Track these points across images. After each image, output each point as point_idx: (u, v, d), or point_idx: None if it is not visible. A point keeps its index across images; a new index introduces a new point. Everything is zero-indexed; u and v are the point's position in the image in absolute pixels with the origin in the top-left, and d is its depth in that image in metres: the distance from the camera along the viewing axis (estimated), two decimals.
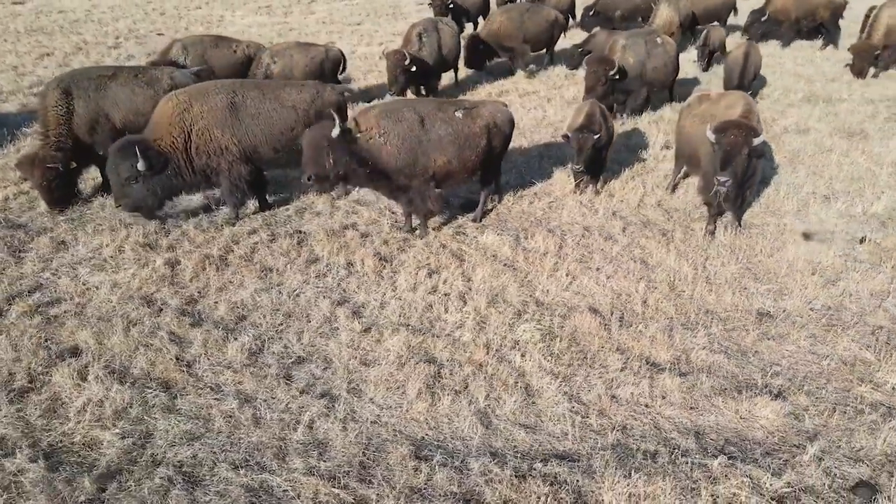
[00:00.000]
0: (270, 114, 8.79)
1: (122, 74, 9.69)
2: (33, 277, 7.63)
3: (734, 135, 7.29)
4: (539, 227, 8.96)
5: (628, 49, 12.52)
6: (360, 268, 7.86)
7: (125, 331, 6.64)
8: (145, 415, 5.62)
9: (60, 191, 9.13)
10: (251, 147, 8.72)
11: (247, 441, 5.37)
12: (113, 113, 9.43)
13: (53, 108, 9.10)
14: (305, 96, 9.07)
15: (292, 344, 6.58)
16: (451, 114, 8.13)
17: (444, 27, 14.59)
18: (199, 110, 8.45)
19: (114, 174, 8.17)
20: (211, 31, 23.55)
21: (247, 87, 8.91)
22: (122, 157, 8.04)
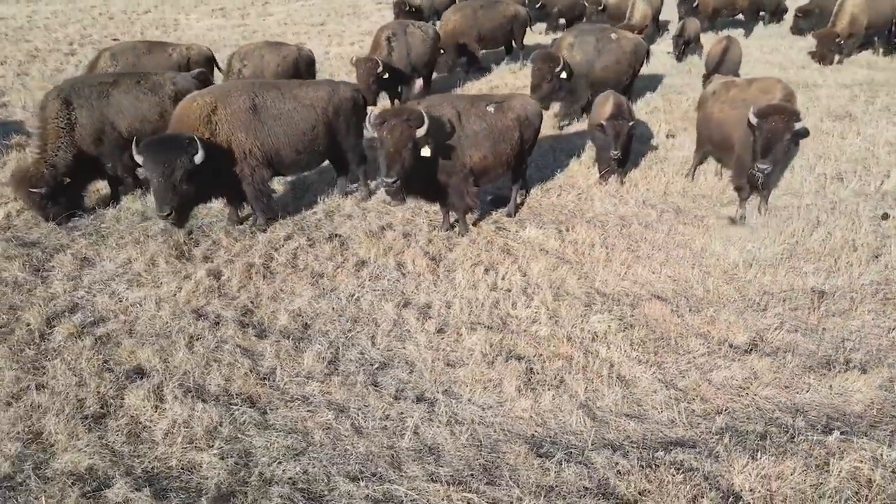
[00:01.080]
0: (291, 114, 8.50)
1: (123, 81, 9.21)
2: (67, 297, 7.16)
3: (776, 120, 7.43)
4: (575, 219, 8.98)
5: (576, 47, 12.03)
6: (411, 268, 7.69)
7: (188, 347, 6.30)
8: (238, 433, 5.33)
9: (54, 207, 8.59)
10: (273, 150, 8.39)
11: (354, 452, 5.16)
12: (118, 122, 8.96)
13: (54, 119, 8.57)
14: (322, 94, 8.82)
15: (368, 349, 6.37)
16: (484, 108, 8.05)
17: (413, 31, 13.96)
18: (224, 113, 8.09)
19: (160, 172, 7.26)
20: (167, 35, 22.83)
21: (265, 88, 8.59)
22: (176, 150, 7.30)
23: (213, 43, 21.17)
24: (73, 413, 5.45)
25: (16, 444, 5.15)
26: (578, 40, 12.12)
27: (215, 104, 8.07)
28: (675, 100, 14.27)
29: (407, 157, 7.21)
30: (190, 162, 7.28)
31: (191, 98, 8.26)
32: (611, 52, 12.25)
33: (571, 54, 11.93)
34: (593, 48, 12.09)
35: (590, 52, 12.06)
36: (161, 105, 9.28)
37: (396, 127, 7.15)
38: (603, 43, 12.17)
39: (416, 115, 7.30)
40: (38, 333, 6.53)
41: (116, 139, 8.97)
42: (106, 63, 11.38)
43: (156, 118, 9.20)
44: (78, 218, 8.85)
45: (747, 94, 8.58)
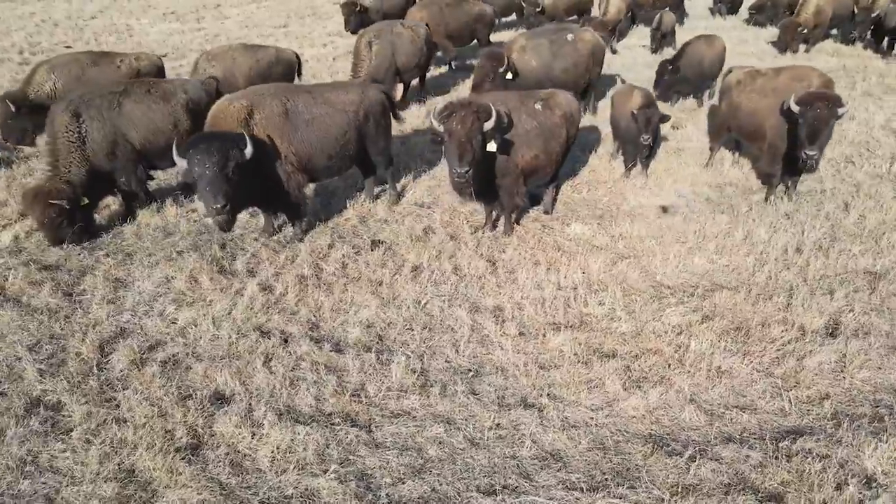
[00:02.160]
0: (324, 118, 8.16)
1: (133, 90, 8.65)
2: (112, 322, 6.67)
3: (820, 106, 7.57)
4: (613, 213, 8.96)
5: (528, 50, 11.22)
6: (469, 271, 7.50)
7: (266, 367, 5.95)
8: (348, 454, 5.06)
9: (67, 228, 7.96)
10: (307, 156, 8.04)
11: (476, 465, 4.96)
12: (131, 134, 8.43)
13: (63, 134, 8.00)
14: (353, 97, 8.50)
15: (453, 357, 6.16)
16: (533, 106, 7.92)
17: (401, 31, 13.26)
18: (260, 117, 7.71)
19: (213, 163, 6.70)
20: (124, 41, 21.83)
21: (296, 91, 8.24)
22: (226, 143, 6.85)
23: (178, 48, 20.43)
24: (165, 446, 5.06)
25: (111, 484, 4.75)
26: (532, 43, 11.35)
27: (251, 107, 7.68)
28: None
29: (477, 149, 7.02)
30: (241, 155, 6.88)
31: (227, 101, 7.84)
32: (567, 55, 11.48)
33: (524, 57, 11.15)
34: (548, 51, 11.35)
35: (545, 55, 11.32)
36: (174, 115, 8.78)
37: (467, 117, 6.96)
38: (558, 45, 11.44)
39: (485, 108, 7.12)
40: (94, 363, 6.05)
41: (130, 152, 8.44)
42: (43, 78, 10.44)
43: (169, 129, 8.71)
44: (91, 238, 8.26)
45: (777, 82, 8.72)
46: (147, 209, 8.99)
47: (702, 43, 13.35)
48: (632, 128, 9.34)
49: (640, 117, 9.00)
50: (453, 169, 7.09)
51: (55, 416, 5.42)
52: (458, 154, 6.89)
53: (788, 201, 8.97)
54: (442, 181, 9.92)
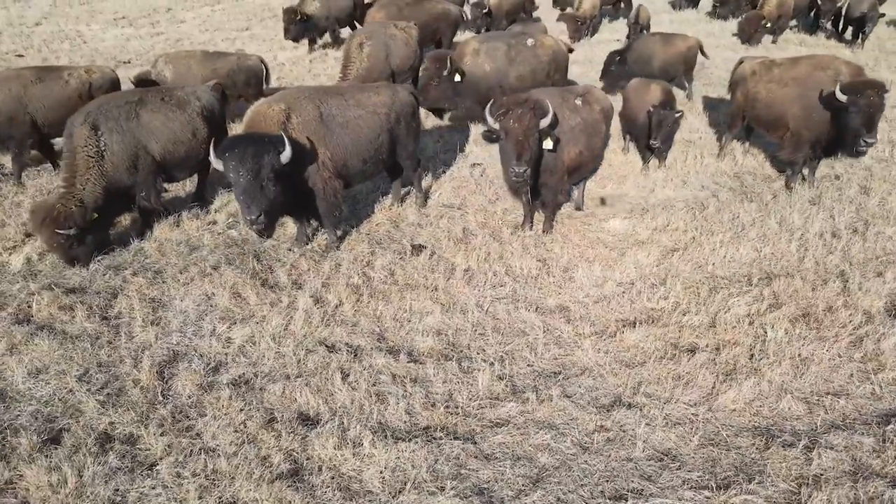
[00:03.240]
0: (357, 121, 7.86)
1: (149, 99, 8.14)
2: (162, 345, 6.26)
3: (872, 94, 7.65)
4: (644, 206, 8.96)
5: (482, 53, 10.61)
6: (522, 272, 7.36)
7: (346, 383, 5.68)
8: (460, 468, 4.85)
9: (78, 249, 7.46)
10: (342, 160, 7.72)
11: (594, 470, 4.84)
12: (151, 145, 7.95)
13: (83, 148, 7.46)
14: (385, 98, 8.22)
15: (534, 361, 6.01)
16: (574, 102, 7.84)
17: (395, 32, 12.84)
18: (298, 121, 7.34)
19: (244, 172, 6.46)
20: (77, 49, 20.81)
21: (327, 94, 7.91)
22: (264, 146, 6.56)
23: (140, 54, 19.67)
24: (264, 474, 4.74)
25: None
26: (486, 46, 10.70)
27: (289, 111, 7.33)
28: None
29: (534, 147, 6.93)
30: (277, 158, 6.58)
31: (265, 103, 7.48)
32: (525, 61, 10.85)
33: (476, 61, 10.56)
34: (504, 55, 10.68)
35: (500, 60, 10.64)
36: (192, 123, 8.35)
37: (524, 115, 6.86)
38: (516, 51, 10.78)
39: (541, 105, 7.00)
40: (158, 390, 5.65)
41: (151, 165, 7.97)
42: None
43: (189, 137, 8.27)
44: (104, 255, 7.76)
45: (796, 72, 8.88)
46: (164, 223, 8.50)
47: (656, 41, 13.03)
48: (644, 124, 9.34)
49: (654, 116, 8.99)
50: (511, 168, 6.94)
51: (132, 451, 5.03)
52: (516, 152, 6.75)
53: (809, 187, 9.16)
54: (465, 182, 9.77)
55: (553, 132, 7.08)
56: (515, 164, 6.79)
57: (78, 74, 9.96)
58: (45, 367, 5.95)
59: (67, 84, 9.79)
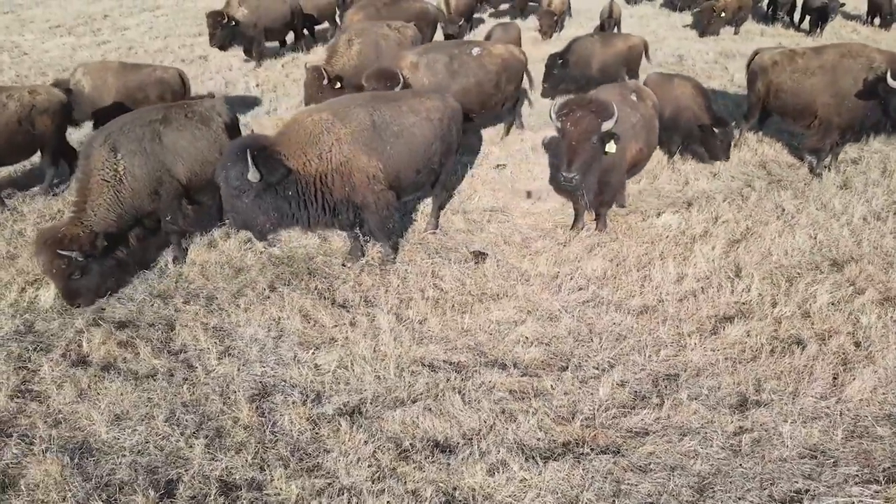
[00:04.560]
0: (412, 129, 7.31)
1: (173, 116, 7.41)
2: (245, 377, 5.79)
3: None
4: (685, 200, 8.98)
5: (421, 67, 9.59)
6: (596, 273, 7.21)
7: (467, 404, 5.38)
8: (619, 484, 4.65)
9: (81, 282, 6.66)
10: (395, 172, 7.23)
11: (753, 474, 4.73)
12: (176, 168, 7.25)
13: (99, 171, 6.77)
14: (437, 104, 7.67)
15: (644, 364, 5.87)
16: (631, 98, 7.74)
17: (388, 33, 12.27)
18: (344, 132, 6.83)
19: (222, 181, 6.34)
20: (18, 61, 19.42)
21: (381, 101, 7.38)
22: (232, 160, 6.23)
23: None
24: None
25: None
26: (426, 59, 9.71)
27: (332, 121, 6.82)
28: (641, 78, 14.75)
29: (588, 152, 6.74)
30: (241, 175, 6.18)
31: (305, 112, 7.01)
32: (469, 73, 9.81)
33: (416, 75, 9.55)
34: (445, 67, 9.68)
35: (440, 73, 9.63)
36: (218, 140, 7.62)
37: (582, 118, 6.69)
38: (459, 61, 9.78)
39: (605, 107, 6.83)
40: (265, 427, 5.20)
41: (176, 189, 7.30)
42: None
43: (215, 157, 7.42)
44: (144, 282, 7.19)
45: (822, 60, 9.07)
46: (198, 244, 7.93)
47: (595, 41, 12.57)
48: (680, 118, 9.35)
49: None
50: (560, 173, 6.77)
51: (263, 497, 4.59)
52: (566, 158, 6.65)
53: (836, 173, 9.39)
54: (497, 184, 9.57)
55: (617, 135, 6.92)
56: (564, 169, 6.65)
57: (19, 96, 8.69)
58: (124, 413, 5.39)
59: (5, 108, 8.50)
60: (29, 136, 8.78)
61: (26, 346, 6.19)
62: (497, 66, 10.20)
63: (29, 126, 8.66)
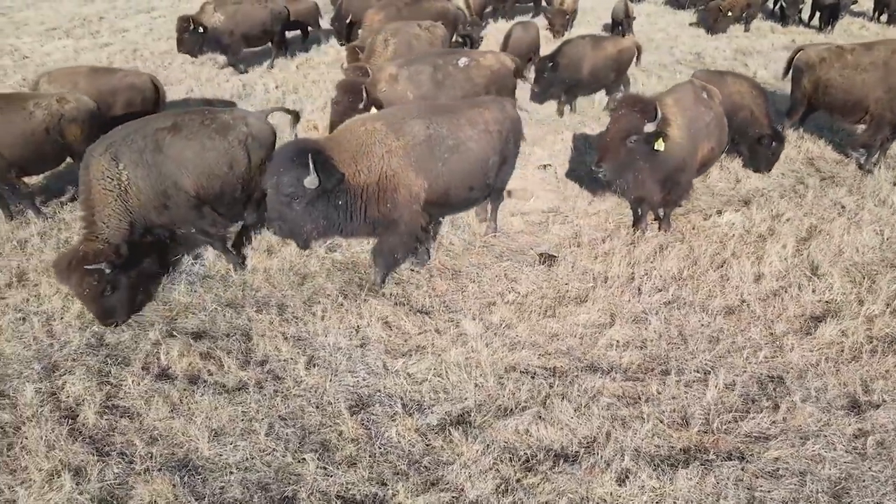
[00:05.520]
0: (469, 144, 6.83)
1: (186, 124, 6.92)
2: (338, 388, 5.62)
3: None
4: (739, 198, 8.92)
5: (402, 79, 9.04)
6: (671, 274, 7.12)
7: (575, 410, 5.25)
8: (753, 491, 4.56)
9: (114, 297, 6.35)
10: (444, 189, 6.75)
11: (886, 477, 4.67)
12: (183, 179, 6.75)
13: (99, 181, 6.40)
14: (496, 114, 7.16)
15: (745, 366, 5.79)
16: (703, 96, 7.65)
17: (419, 32, 12.12)
18: (396, 144, 6.45)
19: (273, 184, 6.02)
20: (22, 65, 18.95)
21: (438, 111, 6.99)
22: (286, 164, 5.95)
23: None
24: None
25: None
26: (408, 71, 9.16)
27: (386, 132, 6.47)
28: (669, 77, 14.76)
29: (625, 149, 6.81)
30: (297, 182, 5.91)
31: (358, 121, 6.72)
32: (457, 85, 9.24)
33: (395, 88, 9.02)
34: (430, 79, 9.14)
35: (425, 86, 9.10)
36: (232, 152, 7.05)
37: (623, 117, 6.76)
38: (444, 73, 9.23)
39: (650, 108, 6.78)
40: (372, 441, 5.03)
41: (186, 202, 6.83)
42: None
43: (227, 169, 7.04)
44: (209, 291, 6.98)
45: (874, 57, 9.06)
46: (258, 250, 7.72)
47: (586, 43, 11.97)
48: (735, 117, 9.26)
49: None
50: (596, 168, 6.90)
51: None
52: (599, 154, 6.77)
53: (887, 170, 9.39)
54: (547, 184, 9.44)
55: (666, 133, 6.86)
56: (594, 163, 6.87)
57: (48, 104, 8.22)
58: (222, 428, 5.19)
59: (31, 116, 8.07)
60: (57, 146, 8.33)
61: (103, 360, 5.96)
62: (485, 79, 9.53)
63: (57, 135, 8.21)
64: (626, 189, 7.30)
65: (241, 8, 15.45)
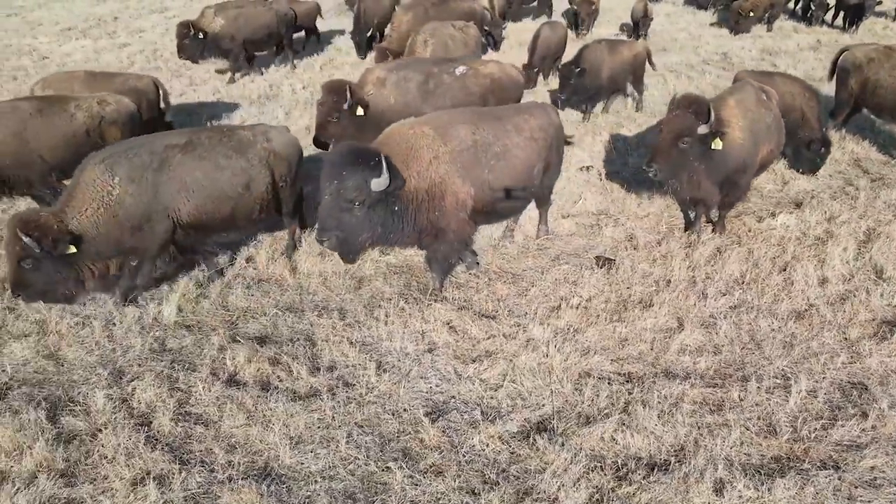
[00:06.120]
0: (515, 151, 6.73)
1: (200, 142, 6.69)
2: (411, 394, 5.54)
3: None
4: (789, 200, 8.85)
5: (389, 84, 8.66)
6: (733, 277, 7.04)
7: (660, 419, 5.16)
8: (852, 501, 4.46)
9: (34, 276, 6.04)
10: (490, 196, 6.63)
11: None
12: (180, 203, 6.48)
13: (89, 187, 6.22)
14: (542, 121, 7.09)
15: (825, 373, 5.69)
16: (763, 98, 7.57)
17: (453, 33, 12.20)
18: (443, 150, 6.31)
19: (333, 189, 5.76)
20: (43, 65, 18.87)
21: (483, 117, 6.86)
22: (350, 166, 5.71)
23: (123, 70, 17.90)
24: None
25: None
26: (395, 76, 8.77)
27: (435, 136, 6.34)
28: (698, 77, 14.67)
29: (676, 150, 6.84)
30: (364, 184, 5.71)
31: (406, 125, 6.55)
32: (446, 94, 8.81)
33: (381, 92, 8.65)
34: (418, 87, 8.74)
35: (412, 93, 8.70)
36: (247, 172, 6.81)
37: (677, 118, 6.81)
38: (436, 81, 8.80)
39: (703, 109, 6.75)
40: (456, 448, 4.95)
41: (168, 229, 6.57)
42: None
43: (237, 193, 6.79)
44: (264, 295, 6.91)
45: None
46: (308, 252, 7.64)
47: (602, 49, 11.94)
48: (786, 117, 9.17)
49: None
50: (647, 167, 6.94)
51: None
52: (650, 153, 6.82)
53: None
54: (592, 186, 9.36)
55: (723, 132, 6.79)
56: (645, 163, 6.94)
57: (87, 105, 8.16)
58: (299, 436, 5.10)
59: (73, 118, 8.01)
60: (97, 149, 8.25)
61: (169, 365, 5.88)
62: (482, 89, 9.06)
63: (98, 138, 8.10)
64: (679, 189, 7.26)
65: (242, 12, 15.15)
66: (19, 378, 5.80)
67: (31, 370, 5.90)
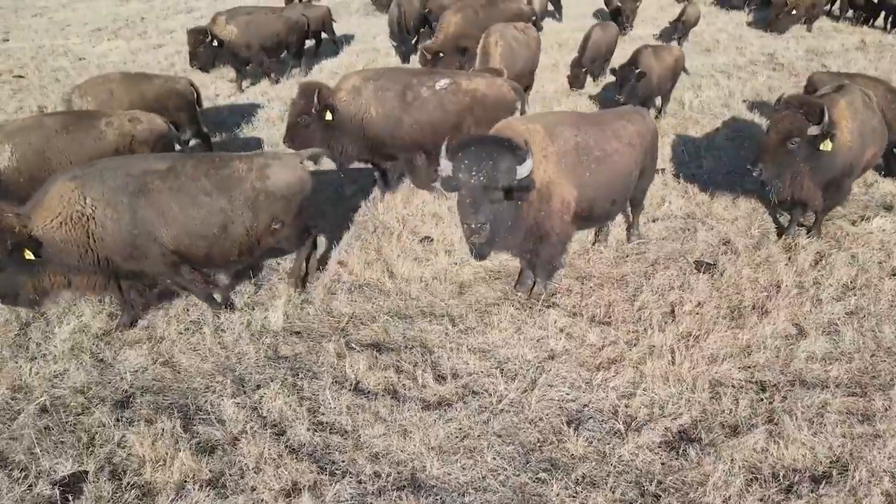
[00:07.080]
0: (614, 157, 6.59)
1: (184, 171, 6.09)
2: (545, 403, 5.44)
3: None
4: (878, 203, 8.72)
5: (364, 93, 8.24)
6: (842, 282, 6.92)
7: (812, 429, 5.06)
8: None
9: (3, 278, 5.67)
10: (589, 201, 6.48)
11: None
12: (160, 230, 5.94)
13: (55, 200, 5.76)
14: (639, 127, 6.98)
15: None
16: (868, 100, 7.45)
17: (516, 34, 12.04)
18: (552, 149, 6.20)
19: (480, 176, 5.40)
20: (75, 66, 18.78)
21: (585, 121, 6.80)
22: (495, 153, 5.48)
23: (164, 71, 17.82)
24: None
25: None
26: (372, 86, 8.30)
27: (544, 135, 6.24)
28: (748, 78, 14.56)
29: (783, 151, 6.74)
30: (510, 171, 5.47)
31: (520, 122, 6.51)
32: (425, 108, 8.40)
33: (356, 102, 8.25)
34: (396, 99, 8.34)
35: (390, 104, 8.32)
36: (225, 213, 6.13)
37: (786, 118, 6.71)
38: (414, 94, 8.40)
39: (815, 110, 6.64)
40: (606, 459, 4.86)
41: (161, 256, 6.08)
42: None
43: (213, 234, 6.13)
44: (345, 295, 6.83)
45: None
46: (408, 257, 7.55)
47: (650, 54, 11.64)
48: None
49: None
50: (752, 167, 6.83)
51: None
52: (756, 153, 6.73)
53: None
54: (670, 188, 9.25)
55: (834, 133, 6.68)
56: (751, 164, 6.82)
57: (118, 123, 7.69)
58: (440, 446, 5.02)
59: (102, 135, 7.58)
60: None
61: (290, 373, 5.79)
62: (458, 106, 8.49)
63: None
64: (782, 190, 7.12)
65: (253, 18, 14.83)
66: (139, 385, 5.73)
67: (150, 377, 5.82)
